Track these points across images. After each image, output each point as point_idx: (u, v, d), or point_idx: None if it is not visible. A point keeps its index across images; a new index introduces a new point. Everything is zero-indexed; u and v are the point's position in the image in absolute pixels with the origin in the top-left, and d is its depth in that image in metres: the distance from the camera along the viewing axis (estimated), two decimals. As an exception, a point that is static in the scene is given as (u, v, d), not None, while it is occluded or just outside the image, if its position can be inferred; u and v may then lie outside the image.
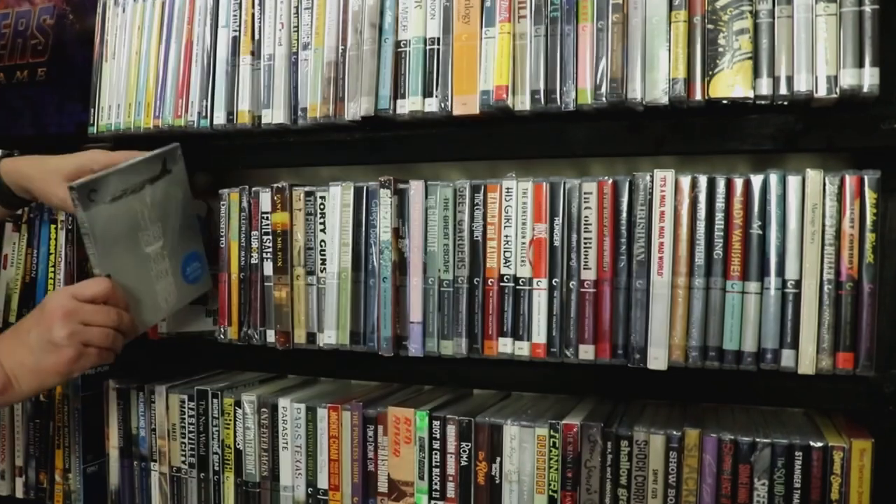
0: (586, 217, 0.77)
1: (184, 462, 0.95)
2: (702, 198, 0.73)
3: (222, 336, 0.93)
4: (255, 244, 0.91)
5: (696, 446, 0.73)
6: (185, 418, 0.95)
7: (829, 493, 0.69)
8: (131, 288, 0.81)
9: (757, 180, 0.72)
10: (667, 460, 0.74)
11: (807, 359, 0.71)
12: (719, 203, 0.73)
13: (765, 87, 0.70)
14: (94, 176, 0.77)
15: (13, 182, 0.85)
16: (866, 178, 0.69)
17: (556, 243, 0.78)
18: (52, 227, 1.00)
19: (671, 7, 0.72)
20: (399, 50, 0.82)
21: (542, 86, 0.76)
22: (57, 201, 0.84)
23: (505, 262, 0.80)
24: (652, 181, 0.74)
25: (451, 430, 0.81)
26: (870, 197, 0.69)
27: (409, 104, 0.81)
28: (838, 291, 0.70)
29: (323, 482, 0.88)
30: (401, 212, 0.84)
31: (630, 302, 0.75)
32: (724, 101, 0.71)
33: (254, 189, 0.91)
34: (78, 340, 0.73)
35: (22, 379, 0.73)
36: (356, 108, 0.83)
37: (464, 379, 0.86)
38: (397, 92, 0.82)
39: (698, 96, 0.72)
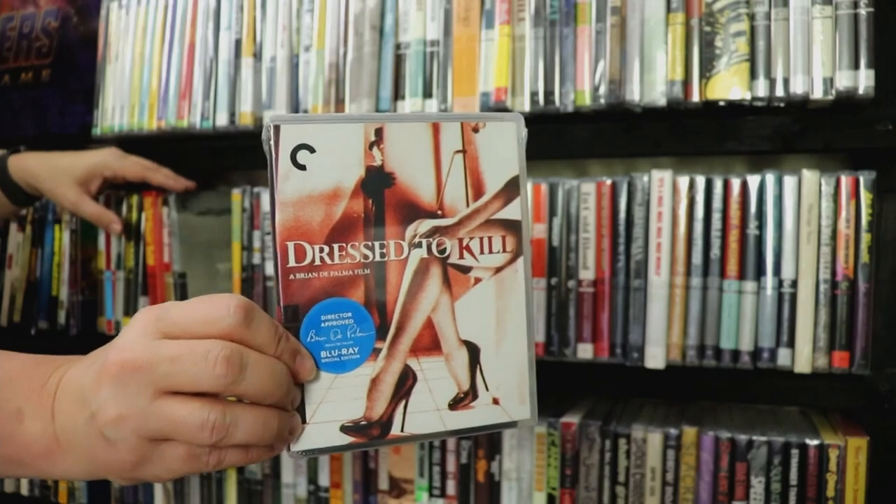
0: (585, 217, 0.78)
1: (187, 460, 0.96)
2: (699, 198, 0.74)
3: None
4: (256, 244, 0.91)
5: (694, 444, 0.73)
6: (187, 416, 0.95)
7: (825, 490, 0.70)
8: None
9: (754, 181, 0.73)
10: (664, 458, 0.74)
11: (803, 357, 0.71)
12: (716, 203, 0.74)
13: (761, 88, 0.71)
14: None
15: (21, 179, 0.85)
16: (862, 178, 0.70)
17: (555, 243, 0.79)
18: (57, 227, 1.01)
19: (669, 9, 0.73)
20: (399, 52, 0.83)
21: (540, 87, 0.77)
22: (67, 203, 0.85)
23: (504, 262, 0.80)
24: (650, 182, 0.75)
25: (451, 429, 0.82)
26: (865, 197, 0.70)
27: (410, 105, 0.82)
28: (834, 291, 0.71)
29: (324, 479, 0.88)
30: (401, 212, 0.85)
31: (628, 301, 0.76)
32: (722, 103, 0.72)
33: (255, 189, 0.92)
34: (137, 431, 0.36)
35: (72, 454, 0.39)
36: (357, 109, 0.84)
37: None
38: (398, 93, 0.83)
39: (696, 98, 0.72)
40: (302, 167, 0.38)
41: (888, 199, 0.70)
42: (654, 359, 0.75)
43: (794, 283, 0.72)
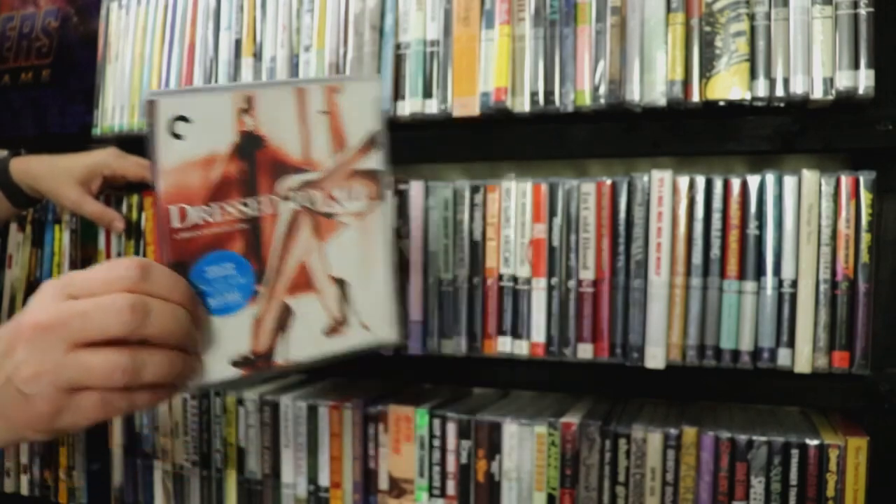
0: (585, 217, 0.78)
1: (186, 460, 0.96)
2: (699, 198, 0.74)
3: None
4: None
5: (694, 444, 0.73)
6: (187, 416, 0.96)
7: (825, 490, 0.70)
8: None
9: (754, 181, 0.73)
10: (664, 458, 0.74)
11: (803, 357, 0.71)
12: (716, 203, 0.74)
13: (761, 88, 0.71)
14: None
15: (23, 181, 0.85)
16: (862, 178, 0.70)
17: (555, 243, 0.79)
18: (57, 227, 1.01)
19: (669, 9, 0.73)
20: (399, 52, 0.83)
21: (540, 87, 0.77)
22: (68, 203, 0.85)
23: (504, 262, 0.81)
24: (650, 182, 0.75)
25: (451, 429, 0.82)
26: (865, 197, 0.70)
27: (410, 105, 0.82)
28: (834, 291, 0.71)
29: (324, 480, 0.88)
30: (401, 212, 0.85)
31: (628, 301, 0.76)
32: (721, 103, 0.72)
33: (256, 189, 0.91)
34: (51, 384, 0.39)
35: None
36: (357, 109, 0.84)
37: (463, 378, 0.87)
38: (397, 93, 0.83)
39: (696, 98, 0.72)
40: (179, 136, 0.42)
41: (888, 199, 0.70)
42: (654, 359, 0.75)
43: (794, 283, 0.72)
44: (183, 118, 0.42)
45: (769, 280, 0.72)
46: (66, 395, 0.39)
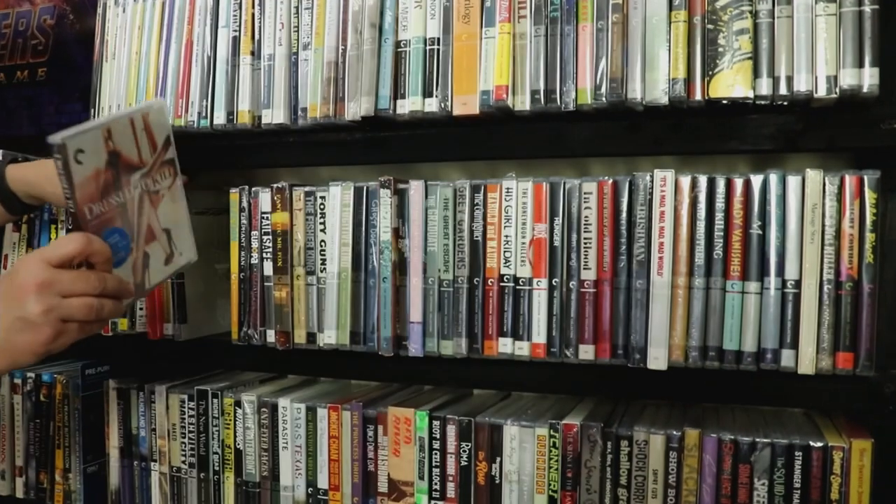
0: (586, 217, 0.77)
1: (184, 462, 0.95)
2: (702, 198, 0.73)
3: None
4: (255, 244, 0.91)
5: (696, 446, 0.73)
6: (185, 418, 0.95)
7: (829, 492, 0.69)
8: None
9: (757, 180, 0.72)
10: (667, 460, 0.74)
11: (807, 359, 0.71)
12: (719, 203, 0.73)
13: (765, 87, 0.70)
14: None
15: (20, 189, 0.85)
16: (866, 178, 0.69)
17: (556, 243, 0.78)
18: (52, 227, 1.00)
19: (671, 7, 0.72)
20: (399, 50, 0.82)
21: (541, 86, 0.76)
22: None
23: (505, 262, 0.80)
24: (652, 181, 0.74)
25: (451, 430, 0.81)
26: (869, 197, 0.69)
27: (409, 104, 0.81)
28: (838, 291, 0.70)
29: (323, 482, 0.88)
30: (401, 212, 0.84)
31: (630, 302, 0.75)
32: (724, 101, 0.71)
33: (254, 189, 0.91)
34: (56, 317, 0.63)
35: None
36: (356, 108, 0.83)
37: (464, 379, 0.86)
38: (397, 92, 0.82)
39: (698, 96, 0.72)
40: (80, 162, 0.63)
41: (893, 199, 0.70)
42: (657, 360, 0.74)
43: (798, 284, 0.71)
44: (80, 150, 0.63)
45: (772, 280, 0.71)
46: (61, 324, 0.64)
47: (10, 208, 0.86)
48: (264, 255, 0.90)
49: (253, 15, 0.90)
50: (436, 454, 0.82)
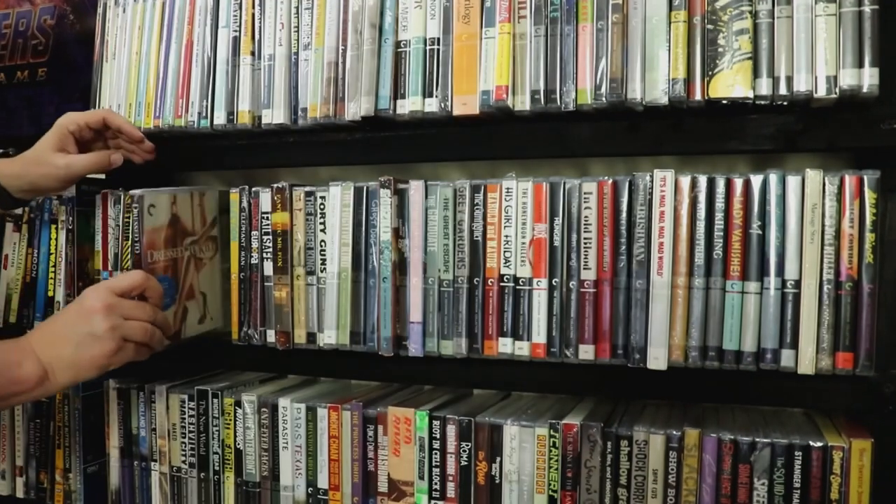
0: (586, 217, 0.77)
1: (184, 462, 0.95)
2: (701, 198, 0.73)
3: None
4: (255, 244, 0.91)
5: (696, 446, 0.73)
6: (185, 418, 0.95)
7: (829, 492, 0.69)
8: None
9: (757, 180, 0.72)
10: (667, 460, 0.74)
11: (806, 359, 0.71)
12: (719, 203, 0.73)
13: (764, 87, 0.70)
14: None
15: (9, 183, 0.86)
16: (866, 178, 0.69)
17: (556, 243, 0.78)
18: (53, 227, 1.00)
19: (671, 7, 0.72)
20: (399, 50, 0.82)
21: (542, 86, 0.76)
22: (61, 172, 0.87)
23: (505, 262, 0.80)
24: (652, 181, 0.74)
25: (451, 430, 0.81)
26: (869, 197, 0.69)
27: (409, 104, 0.81)
28: (838, 291, 0.70)
29: (323, 482, 0.88)
30: (401, 212, 0.84)
31: (630, 302, 0.76)
32: (724, 101, 0.71)
33: (254, 189, 0.91)
34: (119, 334, 0.74)
35: (59, 371, 0.73)
36: (356, 108, 0.83)
37: (464, 379, 0.86)
38: (397, 92, 0.82)
39: (698, 96, 0.72)
40: (150, 214, 0.84)
41: (892, 199, 0.70)
42: (657, 360, 0.74)
43: (798, 284, 0.71)
44: (152, 205, 0.84)
45: (772, 280, 0.72)
46: (122, 342, 0.75)
47: (3, 204, 0.88)
48: (264, 255, 0.90)
49: (253, 15, 0.90)
50: (436, 454, 0.82)
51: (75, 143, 0.88)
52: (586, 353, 0.77)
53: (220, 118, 0.91)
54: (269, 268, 0.90)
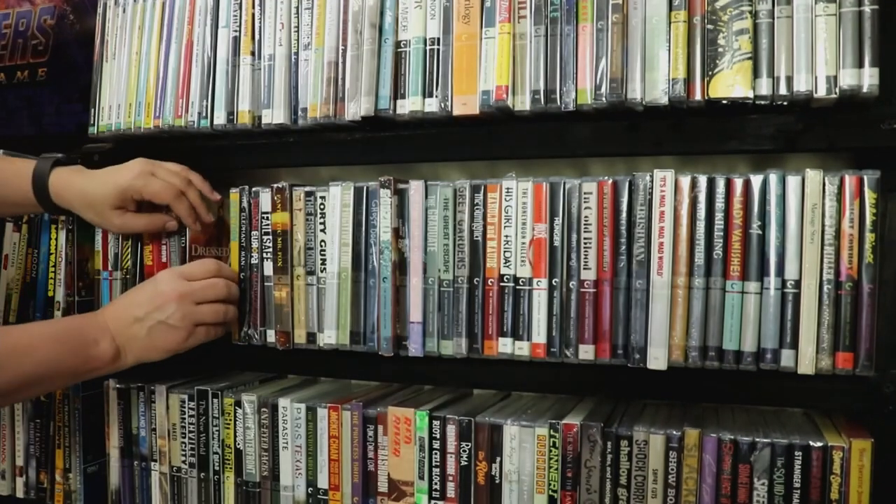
0: (586, 217, 0.77)
1: (184, 462, 0.95)
2: (701, 198, 0.73)
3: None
4: (255, 244, 0.91)
5: (696, 446, 0.73)
6: (185, 418, 0.95)
7: (829, 492, 0.69)
8: None
9: (756, 180, 0.72)
10: (667, 460, 0.74)
11: (806, 359, 0.71)
12: (719, 203, 0.73)
13: (764, 87, 0.70)
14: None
15: (59, 202, 0.88)
16: (866, 178, 0.69)
17: (556, 243, 0.78)
18: (53, 227, 1.00)
19: (671, 7, 0.72)
20: (399, 50, 0.82)
21: (542, 86, 0.76)
22: (115, 230, 0.90)
23: (505, 262, 0.80)
24: (652, 181, 0.74)
25: (451, 430, 0.81)
26: (869, 197, 0.69)
27: (409, 104, 0.81)
28: (838, 291, 0.70)
29: (323, 482, 0.88)
30: (401, 212, 0.84)
31: (630, 302, 0.76)
32: (724, 101, 0.71)
33: (254, 189, 0.91)
34: (191, 321, 0.78)
35: (130, 352, 0.78)
36: (356, 108, 0.83)
37: (464, 379, 0.86)
38: (397, 92, 0.82)
39: (698, 96, 0.72)
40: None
41: (893, 199, 0.70)
42: (657, 360, 0.74)
43: (798, 284, 0.71)
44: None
45: (772, 280, 0.72)
46: (193, 327, 0.80)
47: (45, 207, 0.89)
48: (264, 255, 0.90)
49: (253, 15, 0.90)
50: (436, 454, 0.82)
51: (136, 201, 0.88)
52: (586, 353, 0.77)
53: (220, 118, 0.91)
54: (269, 268, 0.90)
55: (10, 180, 0.87)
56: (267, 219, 0.90)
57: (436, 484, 0.82)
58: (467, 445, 0.81)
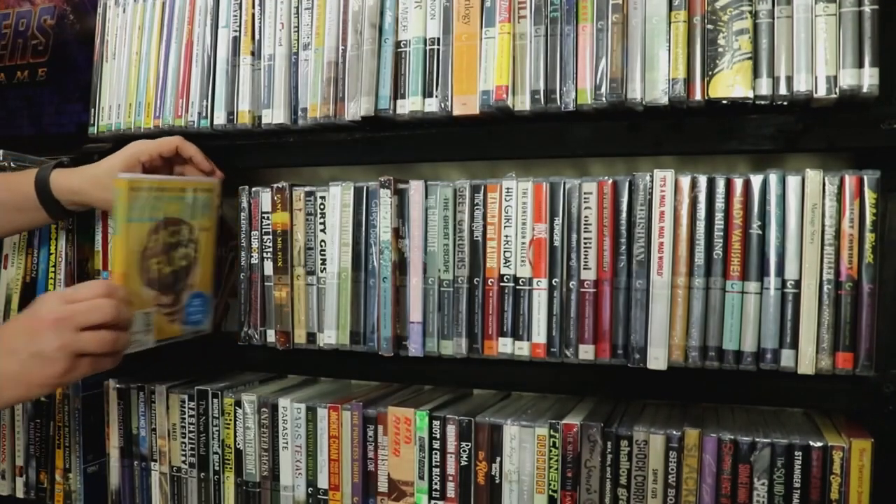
0: (586, 217, 0.77)
1: (184, 462, 0.95)
2: (701, 198, 0.73)
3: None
4: (255, 244, 0.91)
5: (696, 446, 0.73)
6: (185, 418, 0.95)
7: (829, 492, 0.69)
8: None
9: (757, 180, 0.72)
10: (666, 460, 0.74)
11: (806, 359, 0.71)
12: (719, 203, 0.73)
13: (764, 87, 0.70)
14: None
15: (63, 197, 0.86)
16: (866, 178, 0.69)
17: (556, 243, 0.78)
18: (53, 227, 1.00)
19: (671, 7, 0.72)
20: (399, 50, 0.82)
21: (542, 86, 0.76)
22: None
23: (505, 262, 0.80)
24: (652, 181, 0.74)
25: (451, 430, 0.81)
26: (869, 197, 0.69)
27: (409, 104, 0.81)
28: (838, 291, 0.70)
29: (323, 482, 0.88)
30: (401, 212, 0.84)
31: (630, 302, 0.76)
32: (724, 101, 0.71)
33: (254, 189, 0.91)
34: (70, 351, 0.66)
35: (5, 388, 0.67)
36: (356, 108, 0.83)
37: (464, 379, 0.86)
38: (397, 92, 0.82)
39: (698, 96, 0.72)
40: None
41: (892, 199, 0.70)
42: (657, 360, 0.74)
43: (798, 284, 0.71)
44: None
45: (772, 280, 0.71)
46: (75, 359, 0.66)
47: (51, 213, 0.87)
48: (264, 254, 0.90)
49: (253, 15, 0.90)
50: (436, 454, 0.82)
51: (142, 172, 0.86)
52: (586, 353, 0.77)
53: (220, 118, 0.91)
54: (269, 268, 0.90)
55: (11, 185, 0.86)
56: (267, 219, 0.90)
57: (436, 484, 0.82)
58: (467, 445, 0.81)
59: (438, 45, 0.80)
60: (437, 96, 0.80)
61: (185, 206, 0.84)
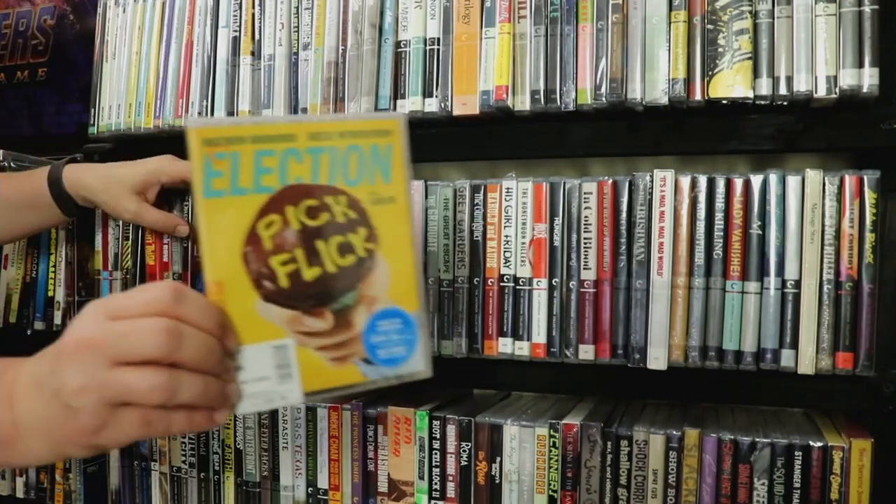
0: (586, 217, 0.77)
1: (184, 462, 0.95)
2: (701, 198, 0.73)
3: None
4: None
5: (696, 446, 0.73)
6: (185, 418, 0.95)
7: (829, 492, 0.69)
8: None
9: (756, 180, 0.72)
10: (666, 460, 0.74)
11: (806, 359, 0.71)
12: (719, 203, 0.73)
13: (764, 87, 0.70)
14: None
15: (76, 192, 0.85)
16: (866, 178, 0.69)
17: (556, 243, 0.78)
18: (53, 227, 1.00)
19: (671, 7, 0.72)
20: (399, 50, 0.82)
21: (542, 86, 0.76)
22: (128, 215, 0.84)
23: (505, 262, 0.80)
24: (652, 181, 0.74)
25: (451, 430, 0.81)
26: (869, 197, 0.69)
27: (409, 104, 0.81)
28: (838, 291, 0.70)
29: (323, 482, 0.88)
30: (401, 212, 0.84)
31: (630, 302, 0.76)
32: (724, 101, 0.71)
33: (254, 189, 0.91)
34: (98, 398, 0.41)
35: (32, 437, 0.44)
36: (356, 108, 0.83)
37: (464, 379, 0.86)
38: (397, 92, 0.82)
39: (698, 96, 0.72)
40: None
41: (892, 199, 0.70)
42: (657, 360, 0.74)
43: (798, 284, 0.71)
44: None
45: (772, 280, 0.71)
46: (109, 410, 0.41)
47: (65, 211, 0.86)
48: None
49: (253, 15, 0.90)
50: (436, 454, 0.82)
51: (159, 190, 0.85)
52: (586, 353, 0.77)
53: (220, 118, 0.91)
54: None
55: (24, 183, 0.85)
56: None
57: (436, 484, 0.82)
58: (467, 445, 0.81)
59: (438, 45, 0.80)
60: (437, 96, 0.80)
61: (337, 163, 0.51)
